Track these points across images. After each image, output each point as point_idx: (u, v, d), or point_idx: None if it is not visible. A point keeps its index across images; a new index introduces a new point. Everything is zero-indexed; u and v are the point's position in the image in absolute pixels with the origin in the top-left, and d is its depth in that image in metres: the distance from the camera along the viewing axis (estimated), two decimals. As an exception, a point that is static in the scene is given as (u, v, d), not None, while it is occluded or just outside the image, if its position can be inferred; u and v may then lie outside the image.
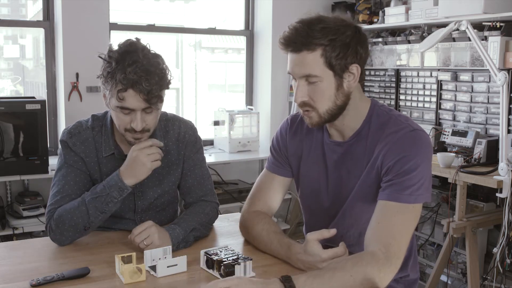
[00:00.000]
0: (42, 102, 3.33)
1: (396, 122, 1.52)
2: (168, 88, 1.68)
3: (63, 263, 1.54)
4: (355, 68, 1.49)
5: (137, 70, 1.56)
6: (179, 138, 1.85)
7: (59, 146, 1.79)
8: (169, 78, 1.67)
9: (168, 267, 1.47)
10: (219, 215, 1.95)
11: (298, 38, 1.46)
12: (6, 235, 3.33)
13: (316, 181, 1.66)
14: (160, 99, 1.65)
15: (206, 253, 1.50)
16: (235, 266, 1.42)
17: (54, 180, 1.76)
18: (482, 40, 3.12)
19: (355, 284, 1.32)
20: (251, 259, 1.47)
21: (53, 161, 3.16)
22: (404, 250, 1.42)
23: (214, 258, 1.46)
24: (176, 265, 1.48)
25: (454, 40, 3.43)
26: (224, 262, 1.43)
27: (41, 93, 3.95)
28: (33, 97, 3.47)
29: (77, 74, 3.70)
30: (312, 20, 1.46)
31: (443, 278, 3.25)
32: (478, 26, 3.19)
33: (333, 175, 1.61)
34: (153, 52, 1.66)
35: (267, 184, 1.77)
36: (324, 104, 1.50)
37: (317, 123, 1.54)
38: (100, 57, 1.65)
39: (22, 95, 4.06)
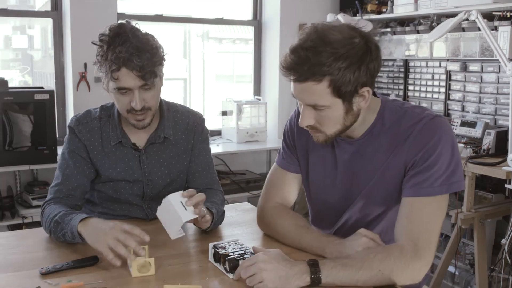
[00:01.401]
0: (50, 92, 3.35)
1: (413, 114, 1.47)
2: (162, 64, 1.69)
3: (72, 252, 1.55)
4: (366, 92, 1.39)
5: (128, 48, 1.59)
6: (188, 127, 1.87)
7: (67, 131, 1.83)
8: (162, 55, 1.69)
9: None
10: (227, 205, 1.96)
11: (302, 68, 1.33)
12: (15, 224, 3.36)
13: (324, 178, 1.62)
14: (154, 75, 1.65)
15: (214, 246, 1.50)
16: (240, 261, 1.40)
17: (58, 162, 1.81)
18: (492, 30, 3.09)
19: (383, 278, 1.32)
20: None
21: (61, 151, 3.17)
22: (434, 242, 1.39)
23: (221, 252, 1.45)
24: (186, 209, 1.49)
25: (463, 30, 3.40)
26: (229, 257, 1.42)
27: (50, 84, 3.96)
28: (42, 87, 3.49)
29: (85, 64, 3.71)
30: (316, 44, 1.32)
31: (451, 269, 3.24)
32: (488, 16, 3.16)
33: (343, 173, 1.57)
34: (143, 31, 1.68)
35: (280, 180, 1.72)
36: (332, 128, 1.44)
37: (324, 142, 1.49)
38: (93, 43, 1.67)
39: (31, 86, 4.08)
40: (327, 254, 1.47)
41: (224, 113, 4.33)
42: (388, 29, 4.04)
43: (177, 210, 1.48)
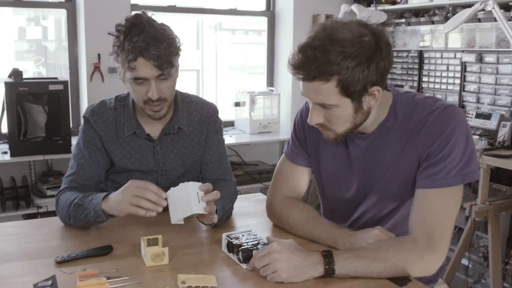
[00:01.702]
0: (64, 83, 3.37)
1: (425, 106, 1.44)
2: (178, 54, 1.70)
3: (87, 241, 1.56)
4: (376, 91, 1.37)
5: (145, 38, 1.59)
6: (202, 118, 1.87)
7: (82, 121, 1.85)
8: (178, 45, 1.69)
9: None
10: (240, 195, 1.96)
11: (309, 67, 1.31)
12: (30, 213, 3.39)
13: (337, 173, 1.60)
14: (171, 65, 1.65)
15: (227, 236, 1.50)
16: (253, 251, 1.40)
17: (73, 152, 1.82)
18: (509, 20, 3.05)
19: (397, 270, 1.32)
20: None
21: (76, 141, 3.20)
22: (449, 234, 1.38)
23: (234, 242, 1.45)
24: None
25: (479, 20, 3.36)
26: (242, 247, 1.42)
27: (63, 75, 3.98)
28: (56, 78, 3.51)
29: (98, 55, 3.73)
30: (324, 43, 1.30)
31: (464, 261, 3.23)
32: (505, 6, 3.12)
33: (357, 169, 1.55)
34: (160, 22, 1.68)
35: (289, 172, 1.70)
36: (341, 126, 1.42)
37: (334, 139, 1.47)
38: (109, 33, 1.67)
39: (45, 76, 4.10)
40: (339, 246, 1.46)
41: (237, 104, 4.33)
42: (403, 20, 4.01)
43: (192, 200, 1.48)
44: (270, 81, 4.68)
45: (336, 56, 1.29)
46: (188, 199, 1.49)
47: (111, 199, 1.56)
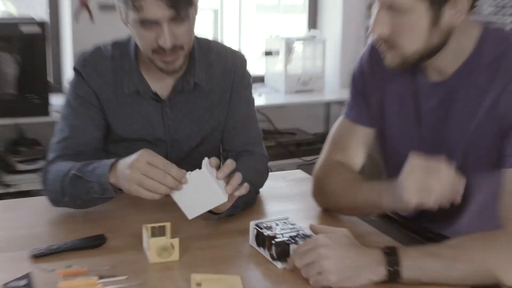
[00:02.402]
0: (41, 24, 3.39)
1: None
2: None
3: (73, 229, 1.58)
4: (461, 2, 1.38)
5: None
6: (226, 70, 1.86)
7: (71, 74, 1.84)
8: None
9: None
10: (273, 173, 1.96)
11: None
12: (-4, 194, 3.44)
13: (404, 134, 1.62)
14: (189, 3, 1.63)
15: (257, 225, 1.49)
16: (291, 246, 1.39)
17: (62, 112, 1.82)
18: None
19: (486, 274, 1.29)
20: None
21: (56, 101, 3.22)
22: None
23: (266, 234, 1.44)
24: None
25: None
26: (276, 240, 1.41)
27: (40, 13, 4.00)
28: (31, 18, 3.53)
29: (86, -13, 3.74)
30: None
31: None
32: None
33: (428, 126, 1.57)
34: None
35: (347, 137, 1.74)
36: (411, 43, 1.44)
37: (399, 66, 1.49)
38: None
39: (15, 16, 4.12)
40: (383, 202, 1.51)
41: (268, 54, 4.32)
42: None
43: (216, 186, 1.46)
44: (313, 23, 4.65)
45: None
46: (210, 185, 1.46)
47: (119, 170, 1.52)
